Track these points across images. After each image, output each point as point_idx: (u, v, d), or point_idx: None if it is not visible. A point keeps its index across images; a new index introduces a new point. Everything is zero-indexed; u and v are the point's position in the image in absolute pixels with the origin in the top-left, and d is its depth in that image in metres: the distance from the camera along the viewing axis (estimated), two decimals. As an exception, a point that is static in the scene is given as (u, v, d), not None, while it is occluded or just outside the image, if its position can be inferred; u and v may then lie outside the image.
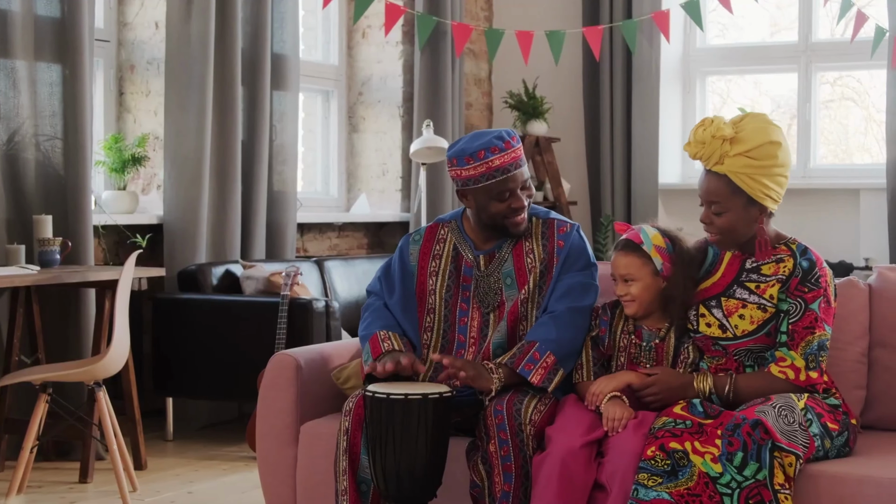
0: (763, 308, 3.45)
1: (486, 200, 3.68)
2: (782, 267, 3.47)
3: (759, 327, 3.45)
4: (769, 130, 3.44)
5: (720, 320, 3.47)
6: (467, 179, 3.66)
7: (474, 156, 3.63)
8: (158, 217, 6.41)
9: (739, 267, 3.52)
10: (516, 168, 3.66)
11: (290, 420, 3.91)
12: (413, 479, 3.41)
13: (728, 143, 3.42)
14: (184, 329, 6.06)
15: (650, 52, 8.22)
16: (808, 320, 3.41)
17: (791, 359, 3.41)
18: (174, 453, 5.93)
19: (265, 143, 6.84)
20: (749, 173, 3.41)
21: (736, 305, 3.47)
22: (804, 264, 3.45)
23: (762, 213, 3.47)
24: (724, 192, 3.45)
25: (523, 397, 3.51)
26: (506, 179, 3.64)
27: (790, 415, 3.29)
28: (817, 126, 8.34)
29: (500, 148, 3.64)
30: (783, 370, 3.41)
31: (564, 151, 8.55)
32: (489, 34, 7.92)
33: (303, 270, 6.32)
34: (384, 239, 8.16)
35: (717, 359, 3.51)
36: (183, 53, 6.34)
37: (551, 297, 3.69)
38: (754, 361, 3.49)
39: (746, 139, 3.42)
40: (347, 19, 8.09)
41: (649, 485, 3.18)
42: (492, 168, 3.63)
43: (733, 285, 3.50)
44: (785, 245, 3.52)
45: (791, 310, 3.42)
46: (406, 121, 8.11)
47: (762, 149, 3.41)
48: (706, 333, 3.50)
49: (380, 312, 3.81)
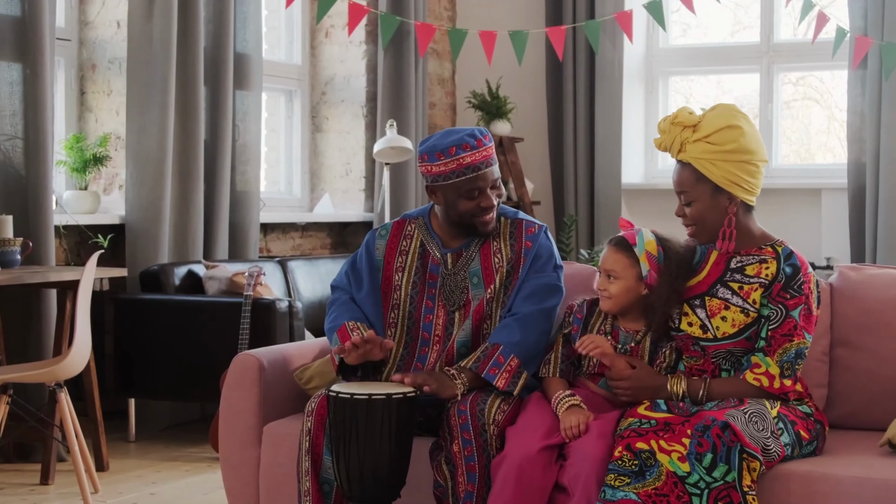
0: (745, 312, 3.44)
1: (455, 198, 3.67)
2: (765, 269, 3.46)
3: (739, 331, 3.44)
4: (731, 116, 3.44)
5: (702, 321, 3.47)
6: (437, 175, 3.66)
7: (445, 152, 3.63)
8: (120, 217, 6.38)
9: (724, 266, 3.52)
10: (487, 166, 3.66)
11: (253, 421, 3.90)
12: (376, 480, 3.41)
13: (690, 131, 3.43)
14: (146, 330, 6.03)
15: (613, 53, 8.25)
16: (787, 327, 3.41)
17: (766, 365, 3.40)
18: (136, 454, 5.90)
19: (228, 143, 6.82)
20: (710, 158, 3.41)
21: (719, 306, 3.46)
22: (787, 270, 3.44)
23: (732, 202, 3.45)
24: (690, 180, 3.46)
25: (487, 397, 3.50)
26: (476, 177, 3.64)
27: (761, 422, 3.29)
28: (779, 126, 8.38)
29: (472, 146, 3.63)
30: (758, 377, 3.40)
31: (528, 151, 8.56)
32: (452, 34, 7.92)
33: (266, 270, 6.30)
34: (348, 239, 8.15)
35: (696, 359, 3.51)
36: (145, 53, 6.31)
37: (516, 297, 3.69)
38: (731, 365, 3.48)
39: (706, 125, 3.43)
40: (310, 19, 8.08)
41: (616, 485, 3.18)
42: (462, 165, 3.63)
43: (717, 284, 3.50)
44: (771, 247, 3.51)
45: (772, 316, 3.42)
46: (369, 120, 8.10)
47: (721, 133, 3.41)
48: (687, 332, 3.49)
49: (347, 306, 3.80)
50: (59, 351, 5.33)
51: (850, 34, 7.55)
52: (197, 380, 5.93)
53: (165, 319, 6.00)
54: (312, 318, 6.50)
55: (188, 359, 5.94)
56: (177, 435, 6.35)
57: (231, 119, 6.86)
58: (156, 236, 6.33)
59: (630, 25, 7.84)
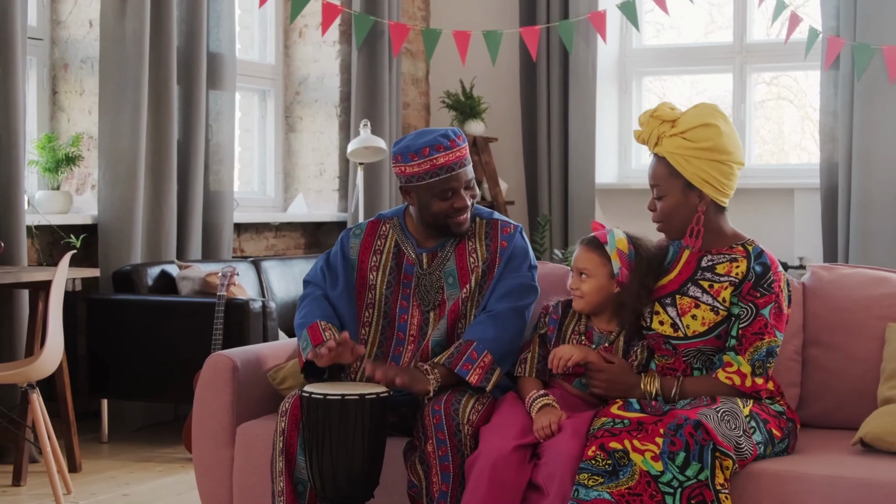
0: (715, 311, 3.45)
1: (428, 198, 3.67)
2: (735, 268, 3.47)
3: (709, 329, 3.45)
4: (710, 115, 3.45)
5: (673, 319, 3.48)
6: (411, 176, 3.66)
7: (419, 153, 3.63)
8: (93, 217, 6.35)
9: (696, 265, 3.53)
10: (461, 167, 3.66)
11: (227, 421, 3.89)
12: (350, 480, 3.40)
13: (668, 125, 3.45)
14: (119, 330, 6.01)
15: (587, 53, 8.26)
16: (757, 326, 3.42)
17: (738, 364, 3.41)
18: (109, 455, 5.88)
19: (201, 143, 6.80)
20: (684, 154, 3.42)
21: (689, 304, 3.47)
22: (757, 269, 3.45)
23: (702, 201, 3.46)
24: (664, 174, 3.47)
25: (461, 397, 3.50)
26: (449, 178, 3.64)
27: (733, 420, 3.29)
28: (752, 126, 8.41)
29: (446, 146, 3.63)
30: (730, 376, 3.41)
31: (502, 151, 8.57)
32: (426, 34, 7.92)
33: (239, 271, 6.29)
34: (321, 239, 8.14)
35: (667, 358, 3.52)
36: (117, 52, 6.29)
37: (491, 296, 3.69)
38: (703, 364, 3.49)
39: (684, 121, 3.44)
40: (284, 18, 8.06)
41: (590, 485, 3.18)
42: (436, 166, 3.63)
43: (688, 283, 3.50)
44: (742, 246, 3.51)
45: (742, 314, 3.43)
46: (343, 120, 8.09)
47: (697, 131, 3.42)
48: (658, 331, 3.50)
49: (319, 302, 3.78)
50: (31, 352, 5.31)
51: (822, 34, 7.58)
52: (170, 380, 5.91)
53: (138, 320, 5.98)
54: (286, 319, 6.49)
55: (161, 359, 5.92)
56: (150, 435, 6.33)
57: (204, 119, 6.84)
58: (129, 236, 6.30)
59: (604, 25, 7.86)
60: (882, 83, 7.47)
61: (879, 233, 7.47)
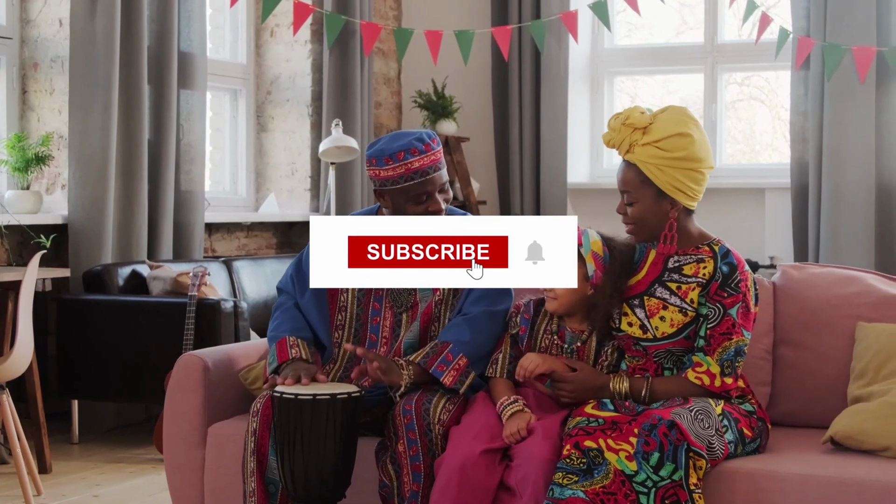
0: (684, 312, 3.45)
1: (402, 202, 3.66)
2: (702, 268, 3.47)
3: (678, 331, 3.45)
4: (682, 123, 3.43)
5: (642, 320, 3.48)
6: (385, 180, 3.65)
7: (394, 156, 3.62)
8: (63, 217, 6.32)
9: (662, 266, 3.53)
10: (435, 171, 3.65)
11: (198, 422, 3.88)
12: (321, 480, 3.40)
13: (640, 133, 3.43)
14: (89, 330, 5.98)
15: (559, 53, 8.27)
16: (725, 326, 3.42)
17: (707, 364, 3.42)
18: (80, 456, 5.85)
19: (172, 143, 6.78)
20: (657, 164, 3.41)
21: (657, 305, 3.47)
22: (724, 269, 3.45)
23: (674, 207, 3.46)
24: (635, 181, 3.46)
25: (432, 397, 3.50)
26: (424, 182, 3.64)
27: (707, 420, 3.30)
28: (723, 126, 8.44)
29: (420, 150, 3.63)
30: (699, 376, 3.42)
31: (474, 151, 8.57)
32: (398, 33, 7.92)
33: (211, 271, 6.27)
34: (293, 239, 8.13)
35: (637, 359, 3.52)
36: (87, 51, 6.26)
37: (466, 299, 3.69)
38: (673, 364, 3.50)
39: (657, 129, 3.42)
40: (255, 18, 8.04)
41: (565, 483, 3.18)
42: (410, 170, 3.62)
43: (655, 284, 3.51)
44: (708, 246, 3.51)
45: (710, 315, 3.43)
46: (315, 120, 8.08)
47: (671, 140, 3.40)
48: (627, 333, 3.50)
49: (290, 313, 3.78)
50: (0, 352, 5.28)
51: (793, 35, 7.61)
52: (141, 381, 5.89)
53: (109, 320, 5.96)
54: (258, 319, 6.47)
55: (132, 359, 5.90)
56: (121, 436, 6.31)
57: (175, 118, 6.82)
58: (99, 236, 6.28)
59: (575, 25, 7.87)
60: (852, 83, 7.50)
61: (849, 232, 7.51)
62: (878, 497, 3.18)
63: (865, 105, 7.51)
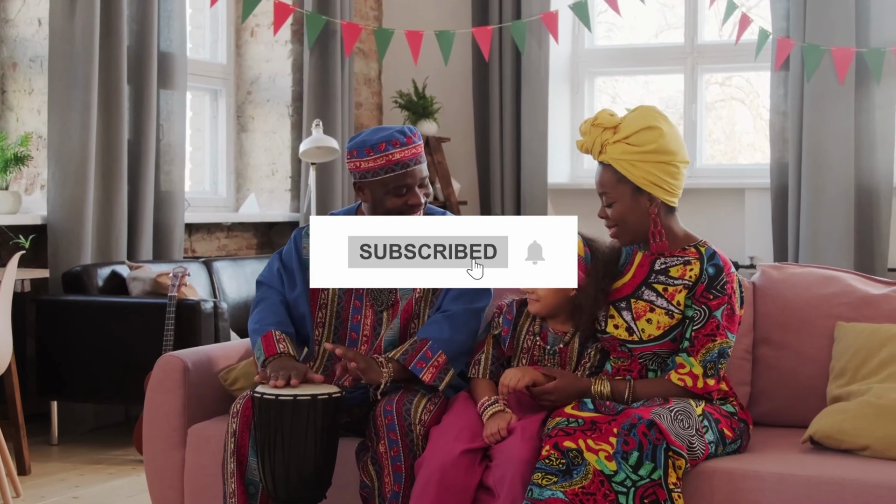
0: (670, 314, 3.46)
1: (382, 195, 3.66)
2: (689, 270, 3.48)
3: (664, 333, 3.46)
4: (650, 117, 3.46)
5: (628, 323, 3.48)
6: (366, 171, 3.65)
7: (375, 148, 3.62)
8: (42, 217, 6.30)
9: (649, 268, 3.54)
10: (416, 164, 3.66)
11: (178, 422, 3.87)
12: (302, 481, 3.39)
13: (610, 132, 3.46)
14: (69, 331, 5.96)
15: (539, 53, 8.27)
16: (710, 327, 3.43)
17: (690, 366, 3.43)
18: (59, 457, 5.83)
19: (152, 143, 6.76)
20: (629, 160, 3.43)
21: (644, 308, 3.48)
22: (710, 270, 3.46)
23: (652, 204, 3.47)
24: (611, 181, 3.48)
25: (413, 397, 3.50)
26: (404, 174, 3.64)
27: (686, 420, 3.31)
28: (704, 126, 8.46)
29: (402, 142, 3.63)
30: (682, 377, 3.43)
31: (454, 151, 8.57)
32: (379, 34, 7.91)
33: (191, 271, 6.26)
34: (274, 239, 8.11)
35: (623, 360, 3.53)
36: (67, 51, 6.24)
37: (446, 297, 3.69)
38: (658, 366, 3.50)
39: (626, 127, 3.45)
40: (236, 18, 8.03)
41: (544, 484, 3.18)
42: (391, 161, 3.62)
43: (642, 286, 3.51)
44: (694, 247, 3.53)
45: (695, 316, 3.44)
46: (295, 120, 8.07)
47: (640, 134, 3.43)
48: (613, 335, 3.51)
49: (274, 308, 3.76)
50: (-21, 353, 5.26)
51: (772, 35, 7.63)
52: (121, 382, 5.87)
53: (88, 321, 5.94)
54: (238, 319, 6.46)
55: (112, 360, 5.88)
56: (100, 437, 6.29)
57: (155, 118, 6.80)
58: (78, 237, 6.26)
59: (556, 26, 7.87)
60: (831, 84, 7.52)
61: (829, 232, 7.53)
62: (857, 496, 3.19)
63: (845, 106, 7.54)
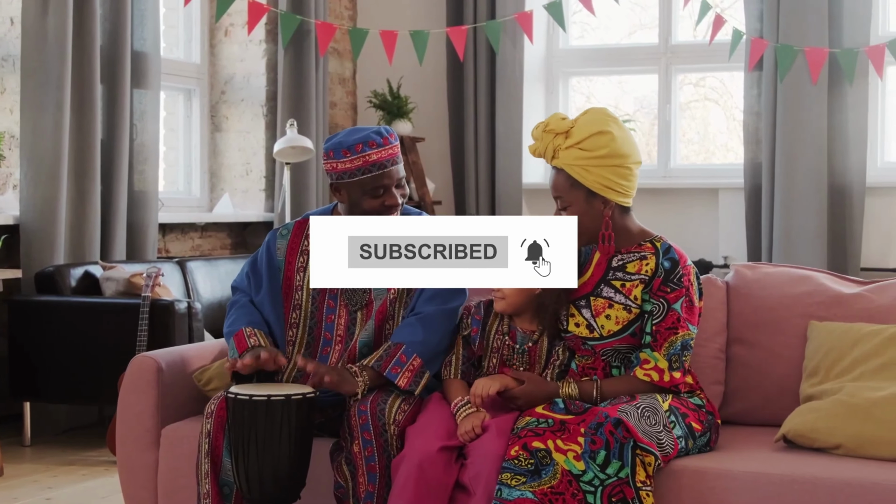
0: (628, 309, 3.48)
1: (359, 196, 3.66)
2: (645, 265, 3.50)
3: (623, 328, 3.48)
4: (602, 122, 3.47)
5: (588, 320, 3.50)
6: (342, 173, 3.65)
7: (351, 149, 3.62)
8: (14, 217, 6.27)
9: (606, 266, 3.55)
10: (392, 164, 3.66)
11: (151, 423, 3.85)
12: (276, 481, 3.39)
13: (562, 137, 3.48)
14: (42, 332, 5.93)
15: (514, 53, 8.28)
16: (670, 321, 3.45)
17: (654, 360, 3.45)
18: (32, 459, 5.81)
19: (125, 142, 6.74)
20: (582, 164, 3.45)
21: (603, 305, 3.50)
22: (666, 264, 3.49)
23: (606, 206, 3.49)
24: (565, 185, 3.50)
25: (387, 397, 3.50)
26: (381, 175, 3.63)
27: (653, 416, 3.32)
28: (678, 126, 8.48)
29: (378, 143, 3.63)
30: (647, 373, 3.45)
31: (429, 151, 8.57)
32: (353, 33, 7.90)
33: (164, 271, 6.24)
34: (248, 239, 8.10)
35: (587, 358, 3.54)
36: (39, 50, 6.21)
37: (419, 298, 3.69)
38: (621, 362, 3.52)
39: (578, 132, 3.47)
40: (209, 17, 8.01)
41: (513, 484, 3.19)
42: (368, 162, 3.62)
43: (601, 284, 3.53)
44: (650, 242, 3.55)
45: (654, 310, 3.46)
46: (270, 120, 8.05)
47: (592, 139, 3.44)
48: (575, 333, 3.52)
49: (246, 309, 3.78)
50: (-49, 354, 5.24)
51: (746, 36, 7.66)
52: (94, 382, 5.85)
53: (61, 321, 5.92)
54: (212, 319, 6.45)
55: (85, 361, 5.86)
56: (74, 438, 6.26)
57: (129, 118, 6.78)
58: (51, 237, 6.23)
59: (530, 26, 7.88)
60: (804, 84, 7.55)
61: (802, 232, 7.56)
62: (830, 495, 3.20)
63: (818, 106, 7.57)
